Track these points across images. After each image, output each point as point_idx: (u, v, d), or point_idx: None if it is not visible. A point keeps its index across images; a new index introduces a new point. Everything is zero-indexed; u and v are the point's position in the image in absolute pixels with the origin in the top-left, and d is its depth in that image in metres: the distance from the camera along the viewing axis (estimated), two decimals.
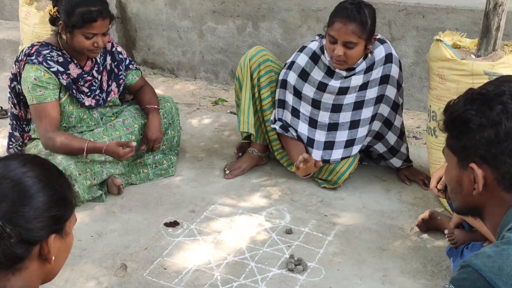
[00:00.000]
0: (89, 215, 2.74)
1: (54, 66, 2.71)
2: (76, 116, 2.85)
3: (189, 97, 4.26)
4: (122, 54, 3.01)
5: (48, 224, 1.17)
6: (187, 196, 2.90)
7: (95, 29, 2.64)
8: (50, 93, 2.71)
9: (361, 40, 2.63)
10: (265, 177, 3.08)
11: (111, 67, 2.95)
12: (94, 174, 2.80)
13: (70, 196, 1.24)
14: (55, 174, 1.23)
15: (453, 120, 1.27)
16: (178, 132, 3.17)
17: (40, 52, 2.72)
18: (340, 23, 2.61)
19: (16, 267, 1.15)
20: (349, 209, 2.78)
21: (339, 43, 2.63)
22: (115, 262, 2.41)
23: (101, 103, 2.91)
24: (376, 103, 2.87)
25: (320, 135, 2.90)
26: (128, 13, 4.64)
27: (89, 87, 2.84)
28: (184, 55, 4.56)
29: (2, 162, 1.18)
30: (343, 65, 2.72)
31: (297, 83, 2.88)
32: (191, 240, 2.55)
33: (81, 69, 2.80)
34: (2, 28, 4.82)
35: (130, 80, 3.06)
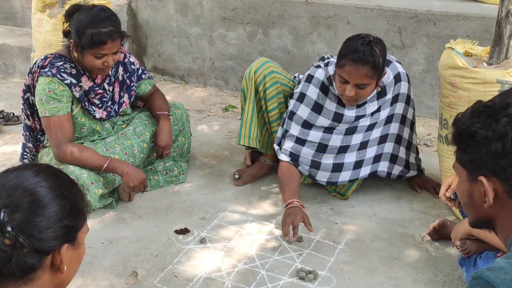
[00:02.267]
0: (100, 222, 2.75)
1: (67, 78, 2.72)
2: (88, 127, 2.87)
3: (199, 104, 4.27)
4: (134, 64, 3.01)
5: (61, 234, 1.17)
6: (198, 203, 2.90)
7: (105, 50, 2.64)
8: (63, 106, 2.72)
9: (373, 81, 2.57)
10: (275, 184, 3.07)
11: (123, 78, 2.95)
12: (106, 183, 2.81)
13: (82, 205, 1.24)
14: (67, 184, 1.23)
15: (460, 134, 1.27)
16: (188, 139, 3.18)
17: (54, 64, 2.73)
18: (352, 67, 2.51)
19: (28, 277, 1.15)
20: (360, 217, 2.77)
21: (351, 84, 2.56)
22: (126, 269, 2.42)
23: (113, 115, 2.92)
24: (386, 123, 2.83)
25: (328, 159, 2.83)
26: (139, 20, 4.67)
27: (100, 99, 2.85)
28: (194, 62, 4.57)
29: (15, 172, 1.18)
30: (353, 102, 2.68)
31: (310, 116, 2.78)
32: (202, 248, 2.55)
33: (92, 81, 2.80)
34: (14, 34, 4.86)
35: (143, 89, 3.06)
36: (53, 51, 3.65)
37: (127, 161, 2.89)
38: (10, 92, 4.40)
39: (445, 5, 3.86)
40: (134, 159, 2.93)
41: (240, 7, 4.22)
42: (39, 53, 3.71)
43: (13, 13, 5.10)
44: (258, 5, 4.17)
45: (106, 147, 2.86)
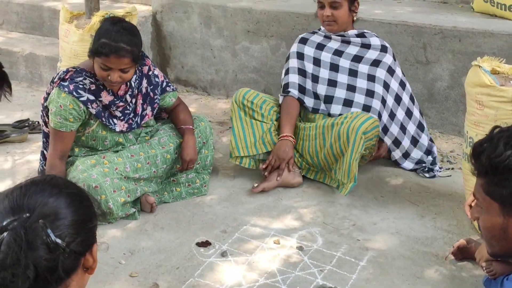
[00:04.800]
0: (122, 232, 2.76)
1: (84, 95, 2.74)
2: (111, 140, 2.89)
3: (221, 116, 4.28)
4: (158, 77, 3.02)
5: (90, 235, 1.24)
6: (219, 215, 2.90)
7: (109, 63, 2.65)
8: (67, 124, 2.74)
9: (344, 1, 3.10)
10: (297, 198, 3.07)
11: (146, 91, 2.96)
12: (128, 191, 2.83)
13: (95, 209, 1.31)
14: (82, 192, 1.30)
15: (495, 167, 1.23)
16: (211, 151, 3.19)
17: (73, 80, 2.75)
18: None
19: (66, 282, 1.19)
20: (382, 234, 2.75)
21: (326, 6, 3.11)
22: (146, 280, 2.42)
23: (134, 127, 2.94)
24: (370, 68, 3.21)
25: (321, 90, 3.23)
26: (163, 31, 4.71)
27: (122, 111, 2.87)
28: (217, 74, 4.59)
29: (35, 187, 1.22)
30: (333, 25, 3.16)
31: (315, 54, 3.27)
32: (223, 261, 2.55)
33: (113, 95, 2.82)
34: (41, 44, 4.93)
35: (167, 102, 3.08)
36: (79, 61, 3.72)
37: (149, 170, 2.91)
38: (36, 101, 4.45)
39: (471, 21, 3.83)
40: (156, 169, 2.94)
41: (264, 20, 4.24)
42: (65, 63, 3.77)
43: (41, 23, 5.18)
44: (282, 19, 4.18)
45: (131, 153, 2.88)
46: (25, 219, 1.14)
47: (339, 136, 2.98)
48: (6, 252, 1.11)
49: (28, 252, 1.12)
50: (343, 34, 3.23)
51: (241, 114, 3.22)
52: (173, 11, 4.60)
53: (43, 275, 1.13)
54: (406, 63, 3.78)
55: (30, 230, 1.13)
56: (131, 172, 2.84)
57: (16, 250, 1.11)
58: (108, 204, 2.72)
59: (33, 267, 1.12)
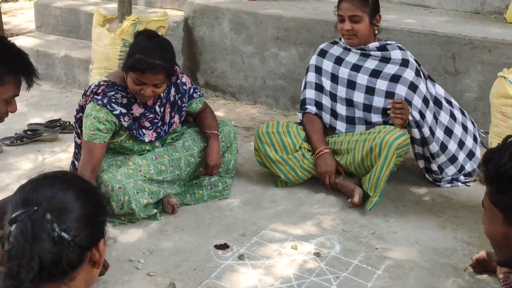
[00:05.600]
0: (142, 232, 2.81)
1: (117, 109, 2.78)
2: (138, 149, 2.95)
3: (248, 121, 4.32)
4: (186, 85, 3.04)
5: (96, 231, 1.27)
6: (239, 219, 2.93)
7: (144, 79, 2.68)
8: (101, 135, 2.77)
9: (365, 14, 3.01)
10: (318, 205, 3.07)
11: (174, 99, 2.99)
12: (151, 193, 2.87)
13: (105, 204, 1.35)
14: (91, 187, 1.34)
15: (501, 175, 1.23)
16: (235, 155, 3.22)
17: (106, 94, 2.78)
18: (345, 2, 3.04)
19: (72, 275, 1.23)
20: (401, 244, 2.73)
21: (346, 20, 3.03)
22: (164, 280, 2.46)
23: (162, 135, 2.98)
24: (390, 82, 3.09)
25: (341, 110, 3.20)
26: (194, 36, 4.78)
27: (151, 121, 2.91)
28: (246, 80, 4.63)
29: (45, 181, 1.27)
30: (353, 39, 3.08)
31: (333, 69, 3.20)
32: (240, 264, 2.57)
33: (144, 108, 2.86)
34: (76, 47, 5.06)
35: (194, 108, 3.11)
36: (110, 64, 3.81)
37: (173, 173, 2.95)
38: (68, 102, 4.58)
39: (502, 32, 3.79)
40: (180, 172, 2.99)
41: (293, 27, 4.26)
42: (97, 65, 3.87)
43: (77, 26, 5.32)
44: (311, 26, 4.20)
45: (156, 156, 2.93)
46: (33, 212, 1.19)
47: (371, 150, 2.95)
48: (13, 243, 1.17)
49: (33, 244, 1.16)
50: (364, 47, 3.14)
51: (268, 153, 3.16)
52: (204, 16, 4.67)
53: (48, 268, 1.18)
54: (435, 73, 3.76)
55: (36, 223, 1.18)
56: (155, 175, 2.89)
57: (21, 241, 1.16)
58: (131, 205, 2.77)
59: (38, 259, 1.16)
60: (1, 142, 3.78)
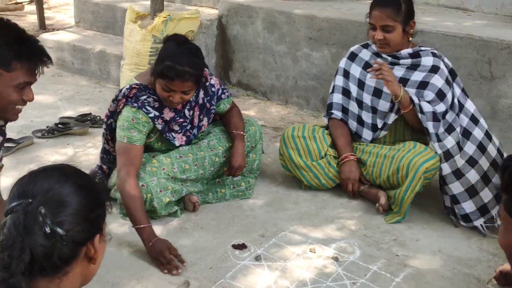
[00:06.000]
0: (162, 229, 2.82)
1: (151, 112, 2.78)
2: (165, 150, 2.96)
3: (278, 121, 4.29)
4: (215, 86, 3.02)
5: (92, 226, 1.27)
6: (259, 220, 2.91)
7: (172, 86, 2.67)
8: (141, 137, 2.76)
9: (397, 23, 2.86)
10: (341, 209, 3.02)
11: (203, 102, 2.98)
12: (174, 191, 2.87)
13: (105, 198, 1.34)
14: (90, 180, 1.33)
15: None
16: (259, 156, 3.19)
17: (138, 98, 2.78)
18: (376, 10, 2.89)
19: (66, 269, 1.23)
20: (424, 252, 2.66)
21: (378, 29, 2.89)
22: (179, 277, 2.46)
23: (192, 139, 2.97)
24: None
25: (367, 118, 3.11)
26: (228, 34, 4.78)
27: (180, 125, 2.91)
28: (277, 79, 4.61)
29: (44, 172, 1.27)
30: (385, 48, 2.95)
31: (361, 75, 3.10)
32: (256, 265, 2.55)
33: (174, 112, 2.86)
34: (112, 43, 5.11)
35: (222, 108, 3.09)
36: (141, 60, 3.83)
37: (197, 172, 2.95)
38: (101, 97, 4.64)
39: None
40: (204, 171, 2.98)
41: (326, 27, 4.21)
42: (128, 61, 3.90)
43: (114, 22, 5.39)
44: (344, 27, 4.14)
45: (180, 154, 2.93)
46: (27, 204, 1.19)
47: (398, 170, 2.86)
48: (6, 234, 1.17)
49: (25, 236, 1.17)
50: (395, 54, 2.97)
51: (293, 158, 3.10)
52: (238, 15, 4.66)
53: (39, 261, 1.18)
54: (470, 78, 3.65)
55: (29, 215, 1.18)
56: (178, 173, 2.89)
57: (13, 233, 1.16)
58: (153, 203, 2.77)
59: (29, 252, 1.16)
60: (32, 134, 3.85)
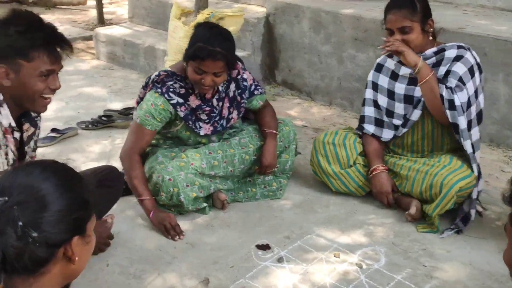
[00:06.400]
0: (189, 225, 2.84)
1: (174, 98, 2.82)
2: (194, 140, 2.98)
3: (320, 122, 4.24)
4: (247, 81, 3.02)
5: (71, 227, 1.22)
6: (287, 221, 2.88)
7: (204, 66, 2.69)
8: (153, 122, 2.82)
9: (415, 23, 2.74)
10: (372, 215, 2.96)
11: (234, 95, 2.98)
12: (202, 187, 2.89)
13: (89, 198, 1.29)
14: (75, 178, 1.28)
15: None
16: (292, 156, 3.17)
17: (165, 83, 2.83)
18: (391, 14, 2.77)
19: (40, 271, 1.20)
20: (453, 264, 2.56)
21: (396, 32, 2.76)
22: (199, 274, 2.47)
23: (219, 130, 2.98)
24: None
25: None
26: (275, 33, 4.76)
27: (208, 115, 2.92)
28: (322, 80, 4.55)
29: (24, 169, 1.24)
30: None
31: (389, 85, 2.98)
32: (277, 267, 2.52)
33: (201, 100, 2.88)
34: (161, 38, 5.18)
35: (255, 105, 3.08)
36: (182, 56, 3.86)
37: (226, 169, 2.96)
38: None
39: None
40: (233, 168, 2.98)
41: (372, 29, 4.12)
42: (171, 57, 3.94)
43: (164, 18, 5.44)
44: None
45: (209, 151, 2.94)
46: (2, 202, 1.16)
47: (431, 187, 2.77)
48: None
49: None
50: (420, 55, 2.80)
51: (321, 164, 3.06)
52: (285, 14, 4.64)
53: (11, 262, 1.15)
54: None
55: (3, 215, 1.15)
56: (207, 169, 2.90)
57: None
58: (180, 197, 2.80)
59: (1, 252, 1.14)
60: (77, 125, 3.96)
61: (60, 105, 4.39)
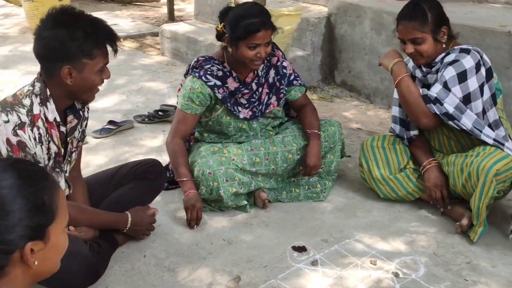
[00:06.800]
0: (228, 222, 2.85)
1: (211, 81, 2.86)
2: (235, 126, 2.98)
3: (375, 126, 4.15)
4: (286, 69, 3.04)
5: (24, 234, 1.18)
6: (327, 224, 2.84)
7: (258, 39, 2.73)
8: (193, 106, 2.88)
9: (426, 34, 2.69)
10: (416, 222, 2.86)
11: (273, 81, 3.01)
12: (242, 183, 2.89)
13: (51, 201, 1.23)
14: (34, 180, 1.22)
15: None
16: (338, 157, 3.11)
17: (203, 67, 2.90)
18: (401, 25, 2.76)
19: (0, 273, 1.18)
20: (498, 281, 2.43)
21: (407, 42, 2.74)
22: (232, 272, 2.47)
23: (258, 115, 2.99)
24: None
25: None
26: (335, 34, 4.70)
27: (248, 99, 2.95)
28: (381, 82, 4.45)
29: None
30: (420, 59, 2.77)
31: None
32: (311, 270, 2.49)
33: (239, 82, 2.92)
34: None
35: (293, 95, 3.08)
36: None
37: (268, 166, 2.95)
38: None
39: None
40: (275, 166, 2.97)
41: None
42: None
43: None
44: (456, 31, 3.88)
45: (252, 147, 2.95)
46: None
47: (470, 176, 2.65)
48: None
49: None
50: (430, 63, 2.78)
51: (370, 169, 2.97)
52: (346, 14, 4.56)
53: None
54: None
55: None
56: (248, 165, 2.90)
57: None
58: (219, 191, 2.81)
59: None
60: (134, 118, 4.07)
61: (121, 98, 4.52)
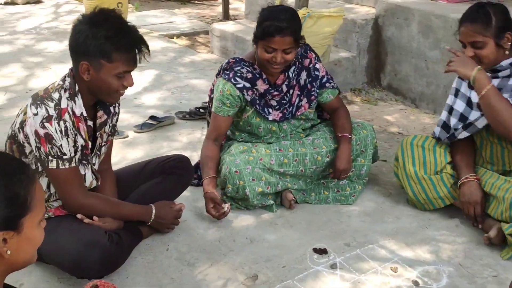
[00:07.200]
0: (253, 221, 2.86)
1: (240, 83, 2.87)
2: (264, 128, 2.98)
3: (417, 131, 4.05)
4: (319, 71, 3.00)
5: None
6: (351, 228, 2.80)
7: (273, 43, 2.71)
8: (224, 108, 2.90)
9: (488, 38, 2.56)
10: (445, 231, 2.77)
11: (305, 83, 2.98)
12: (268, 183, 2.89)
13: (25, 194, 1.25)
14: (8, 173, 1.24)
15: None
16: (369, 161, 3.06)
17: (233, 69, 2.91)
18: (463, 27, 2.63)
19: None
20: None
21: (468, 46, 2.62)
22: (250, 270, 2.48)
23: (288, 117, 2.98)
24: None
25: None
26: (382, 36, 4.62)
27: (278, 101, 2.94)
28: (428, 86, 4.34)
29: None
30: (480, 64, 2.61)
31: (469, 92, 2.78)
32: (329, 273, 2.46)
33: (268, 84, 2.91)
34: None
35: (325, 98, 3.04)
36: None
37: (296, 168, 2.93)
38: None
39: None
40: (304, 168, 2.95)
41: None
42: None
43: None
44: None
45: (280, 148, 2.94)
46: None
47: (511, 206, 2.56)
48: None
49: None
50: (496, 68, 2.63)
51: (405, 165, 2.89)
52: (394, 16, 4.48)
53: None
54: None
55: None
56: (276, 166, 2.90)
57: None
58: (245, 190, 2.83)
59: None
60: (175, 115, 4.14)
61: (165, 94, 4.61)
